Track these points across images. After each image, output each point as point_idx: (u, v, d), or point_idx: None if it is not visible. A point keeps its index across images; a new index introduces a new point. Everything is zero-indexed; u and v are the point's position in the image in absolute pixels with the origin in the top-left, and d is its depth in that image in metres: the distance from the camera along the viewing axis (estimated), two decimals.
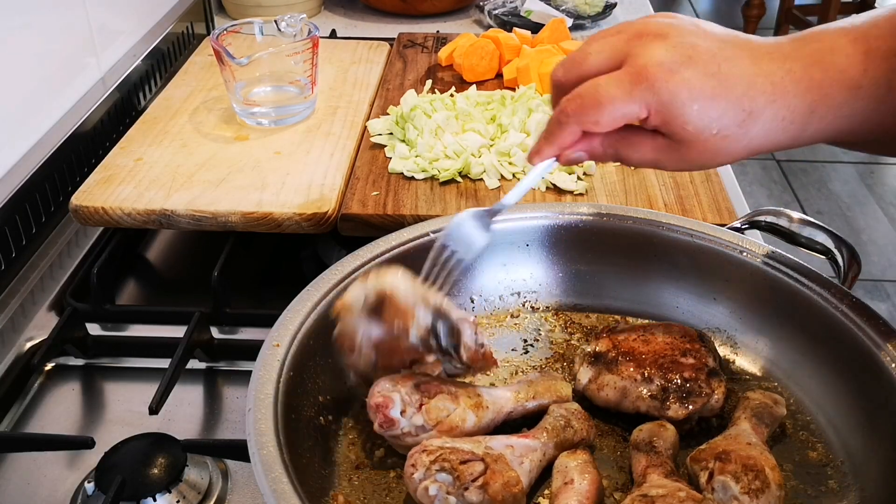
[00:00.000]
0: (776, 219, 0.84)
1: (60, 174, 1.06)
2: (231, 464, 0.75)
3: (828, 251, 0.80)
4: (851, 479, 0.67)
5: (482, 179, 1.01)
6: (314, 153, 1.06)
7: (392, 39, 1.43)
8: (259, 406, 0.61)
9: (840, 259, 0.79)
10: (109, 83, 1.22)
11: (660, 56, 0.56)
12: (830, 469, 0.68)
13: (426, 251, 0.79)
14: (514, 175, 1.01)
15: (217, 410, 0.82)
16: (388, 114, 1.14)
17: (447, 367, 0.70)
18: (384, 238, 0.79)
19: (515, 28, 1.38)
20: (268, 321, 0.70)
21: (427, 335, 0.65)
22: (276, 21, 1.14)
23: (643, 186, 1.00)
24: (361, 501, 0.65)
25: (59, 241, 1.04)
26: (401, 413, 0.65)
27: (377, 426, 0.65)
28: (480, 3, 1.63)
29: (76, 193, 0.97)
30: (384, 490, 0.66)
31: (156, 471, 0.70)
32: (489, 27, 1.56)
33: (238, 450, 0.68)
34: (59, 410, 0.82)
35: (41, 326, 0.91)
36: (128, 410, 0.82)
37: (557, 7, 1.58)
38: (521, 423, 0.70)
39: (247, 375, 0.64)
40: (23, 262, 0.98)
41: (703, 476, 0.62)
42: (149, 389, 0.78)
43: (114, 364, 0.88)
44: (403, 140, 1.07)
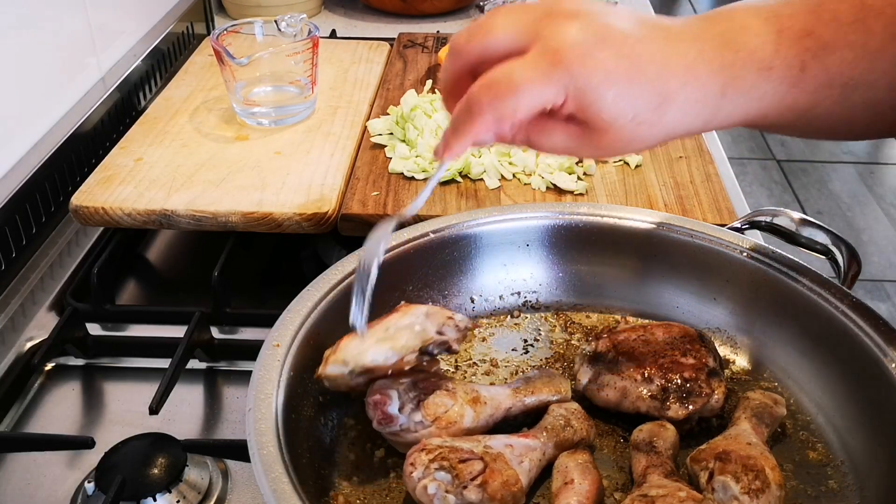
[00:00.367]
0: (776, 219, 0.84)
1: (60, 174, 1.06)
2: (231, 464, 0.75)
3: (828, 251, 0.80)
4: (851, 479, 0.67)
5: (482, 179, 1.01)
6: (314, 153, 1.06)
7: (392, 39, 1.43)
8: (259, 406, 0.61)
9: (840, 259, 0.79)
10: (109, 83, 1.22)
11: (573, 37, 0.53)
12: (830, 469, 0.68)
13: (426, 251, 0.79)
14: (515, 175, 1.02)
15: (217, 410, 0.82)
16: (389, 114, 1.14)
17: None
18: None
19: None
20: (268, 321, 0.70)
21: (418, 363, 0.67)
22: (277, 21, 1.14)
23: (643, 186, 1.00)
24: (361, 501, 0.65)
25: (60, 241, 1.04)
26: (399, 409, 0.65)
27: (375, 423, 0.65)
28: (480, 3, 1.63)
29: (76, 193, 0.97)
30: (384, 490, 0.66)
31: (156, 471, 0.70)
32: None
33: (238, 450, 0.68)
34: (59, 410, 0.82)
35: (41, 326, 0.91)
36: (128, 410, 0.82)
37: None
38: (521, 423, 0.70)
39: (247, 375, 0.64)
40: (23, 262, 0.99)
41: (704, 476, 0.62)
42: (149, 389, 0.78)
43: (114, 364, 0.88)
44: (404, 140, 1.07)
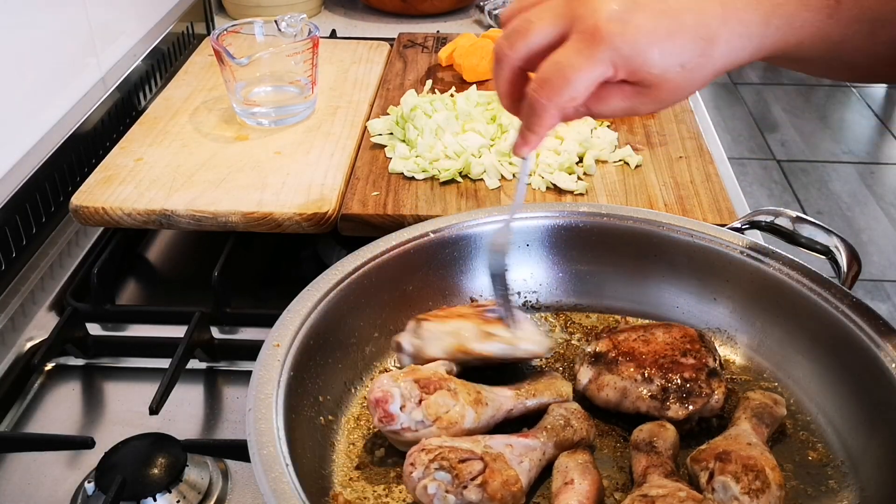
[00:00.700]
0: (776, 219, 0.84)
1: (60, 174, 1.06)
2: (231, 464, 0.75)
3: (828, 251, 0.80)
4: (851, 479, 0.67)
5: (482, 179, 1.01)
6: (314, 153, 1.06)
7: (392, 39, 1.43)
8: (259, 406, 0.61)
9: (840, 259, 0.79)
10: (110, 83, 1.22)
11: (607, 11, 0.55)
12: (830, 469, 0.68)
13: (426, 251, 0.79)
14: (515, 175, 1.02)
15: (217, 410, 0.82)
16: (389, 114, 1.14)
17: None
18: (384, 238, 0.79)
19: None
20: (268, 321, 0.70)
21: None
22: (277, 21, 1.14)
23: (643, 186, 1.00)
24: (361, 501, 0.65)
25: (60, 241, 1.04)
26: (400, 408, 0.65)
27: (376, 421, 0.65)
28: (480, 3, 1.63)
29: (76, 193, 0.97)
30: (384, 490, 0.66)
31: (156, 471, 0.70)
32: (489, 27, 1.57)
33: (238, 450, 0.68)
34: (60, 410, 0.82)
35: (41, 326, 0.91)
36: (128, 410, 0.82)
37: None
38: (521, 423, 0.70)
39: (247, 375, 0.64)
40: (23, 262, 0.99)
41: (704, 476, 0.62)
42: (149, 389, 0.78)
43: (114, 364, 0.88)
44: (404, 140, 1.07)
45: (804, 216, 0.83)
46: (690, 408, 0.69)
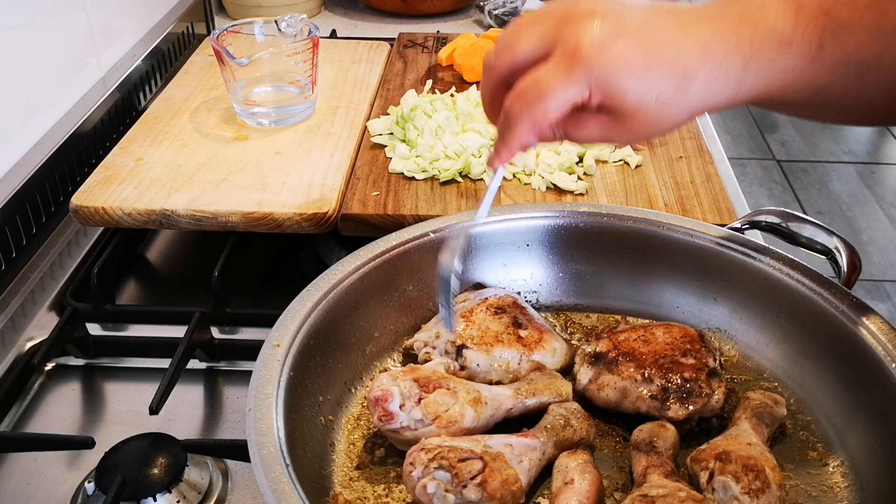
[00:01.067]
0: (776, 219, 0.84)
1: (61, 174, 1.06)
2: (231, 464, 0.75)
3: (828, 251, 0.80)
4: (851, 479, 0.67)
5: (482, 179, 1.01)
6: (314, 153, 1.06)
7: (392, 39, 1.43)
8: (259, 406, 0.61)
9: (840, 259, 0.79)
10: (110, 83, 1.22)
11: (590, 35, 0.57)
12: (830, 469, 0.68)
13: (426, 251, 0.79)
14: (515, 175, 1.02)
15: (217, 410, 0.82)
16: (389, 114, 1.14)
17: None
18: (384, 238, 0.79)
19: None
20: (268, 321, 0.70)
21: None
22: (277, 21, 1.14)
23: (643, 186, 1.00)
24: (361, 501, 0.65)
25: (60, 241, 1.04)
26: (400, 407, 0.65)
27: (376, 419, 0.65)
28: (480, 3, 1.63)
29: (76, 193, 0.97)
30: (384, 490, 0.66)
31: (156, 471, 0.70)
32: (489, 27, 1.56)
33: (238, 450, 0.68)
34: (60, 410, 0.82)
35: (41, 326, 0.91)
36: (128, 410, 0.82)
37: None
38: (521, 423, 0.70)
39: (247, 375, 0.64)
40: (23, 262, 0.99)
41: (704, 476, 0.62)
42: (149, 389, 0.78)
43: (114, 364, 0.88)
44: (404, 140, 1.07)
45: (804, 216, 0.83)
46: (691, 408, 0.69)
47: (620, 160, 1.05)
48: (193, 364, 0.86)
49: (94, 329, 0.90)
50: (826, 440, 0.70)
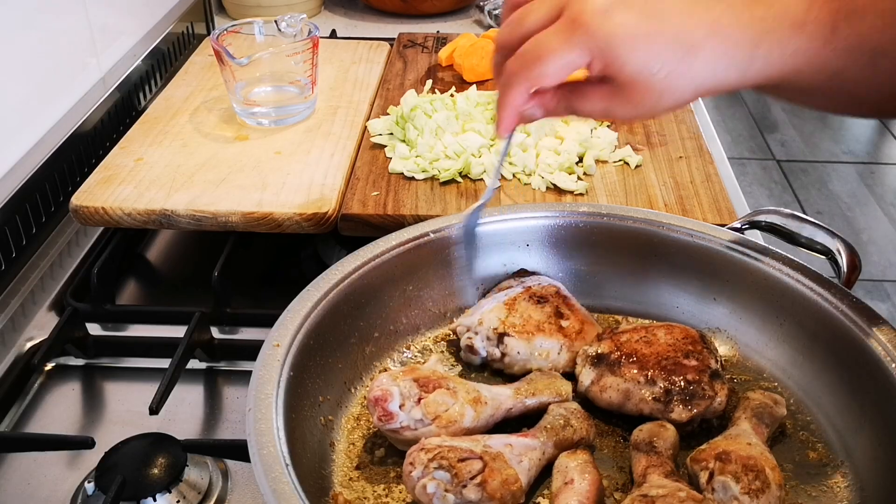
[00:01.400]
0: (776, 219, 0.84)
1: (60, 174, 1.06)
2: (231, 464, 0.75)
3: (828, 251, 0.80)
4: (851, 479, 0.67)
5: (482, 179, 1.01)
6: (314, 153, 1.06)
7: (392, 39, 1.43)
8: (259, 406, 0.61)
9: (840, 259, 0.79)
10: (110, 83, 1.22)
11: (594, 3, 0.57)
12: (830, 469, 0.68)
13: (426, 251, 0.79)
14: (515, 175, 1.02)
15: (217, 410, 0.82)
16: (389, 114, 1.14)
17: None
18: (384, 238, 0.79)
19: None
20: (268, 321, 0.70)
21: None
22: (277, 21, 1.14)
23: (643, 186, 1.00)
24: (361, 501, 0.65)
25: (60, 241, 1.04)
26: (399, 407, 0.65)
27: (376, 419, 0.65)
28: (480, 3, 1.63)
29: (76, 193, 0.97)
30: (384, 490, 0.66)
31: (156, 471, 0.70)
32: (489, 27, 1.57)
33: (238, 450, 0.68)
34: (59, 410, 0.82)
35: (41, 326, 0.91)
36: (128, 410, 0.82)
37: None
38: (521, 423, 0.70)
39: (247, 375, 0.64)
40: (23, 262, 0.99)
41: (704, 476, 0.62)
42: (149, 389, 0.78)
43: (114, 364, 0.88)
44: (404, 140, 1.07)
45: (804, 216, 0.83)
46: (694, 410, 0.68)
47: (620, 160, 1.05)
48: (193, 364, 0.86)
49: (94, 329, 0.90)
50: (826, 440, 0.70)
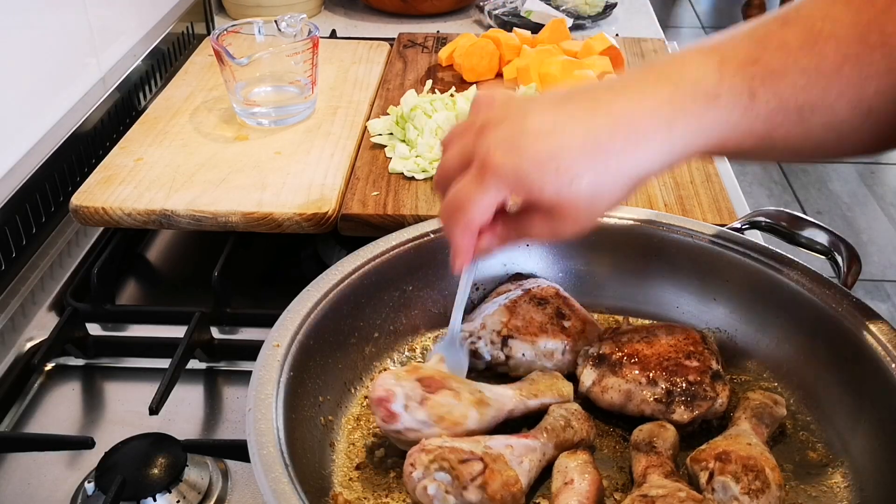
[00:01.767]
0: (776, 219, 0.84)
1: (60, 174, 1.06)
2: (231, 464, 0.75)
3: (828, 251, 0.80)
4: (851, 479, 0.67)
5: None
6: (314, 153, 1.06)
7: (392, 39, 1.43)
8: (259, 406, 0.61)
9: (840, 259, 0.79)
10: (109, 83, 1.22)
11: (496, 139, 0.58)
12: (830, 469, 0.68)
13: (426, 251, 0.79)
14: None
15: (217, 410, 0.82)
16: (389, 114, 1.14)
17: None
18: (384, 238, 0.79)
19: (515, 28, 1.38)
20: (268, 321, 0.70)
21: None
22: (276, 21, 1.14)
23: (643, 186, 1.00)
24: (361, 501, 0.65)
25: (59, 241, 1.04)
26: (403, 408, 0.65)
27: (379, 420, 0.65)
28: (480, 3, 1.63)
29: (76, 193, 0.97)
30: (384, 490, 0.66)
31: (156, 471, 0.70)
32: (489, 27, 1.56)
33: (238, 450, 0.68)
34: (59, 410, 0.82)
35: (41, 326, 0.91)
36: (128, 410, 0.82)
37: (557, 7, 1.58)
38: (521, 423, 0.70)
39: (247, 375, 0.64)
40: (23, 262, 0.99)
41: (704, 476, 0.62)
42: (149, 389, 0.78)
43: (114, 364, 0.88)
44: (404, 140, 1.07)
45: (804, 216, 0.83)
46: (696, 412, 0.68)
47: None
48: (193, 364, 0.86)
49: (94, 329, 0.90)
50: (826, 440, 0.70)
